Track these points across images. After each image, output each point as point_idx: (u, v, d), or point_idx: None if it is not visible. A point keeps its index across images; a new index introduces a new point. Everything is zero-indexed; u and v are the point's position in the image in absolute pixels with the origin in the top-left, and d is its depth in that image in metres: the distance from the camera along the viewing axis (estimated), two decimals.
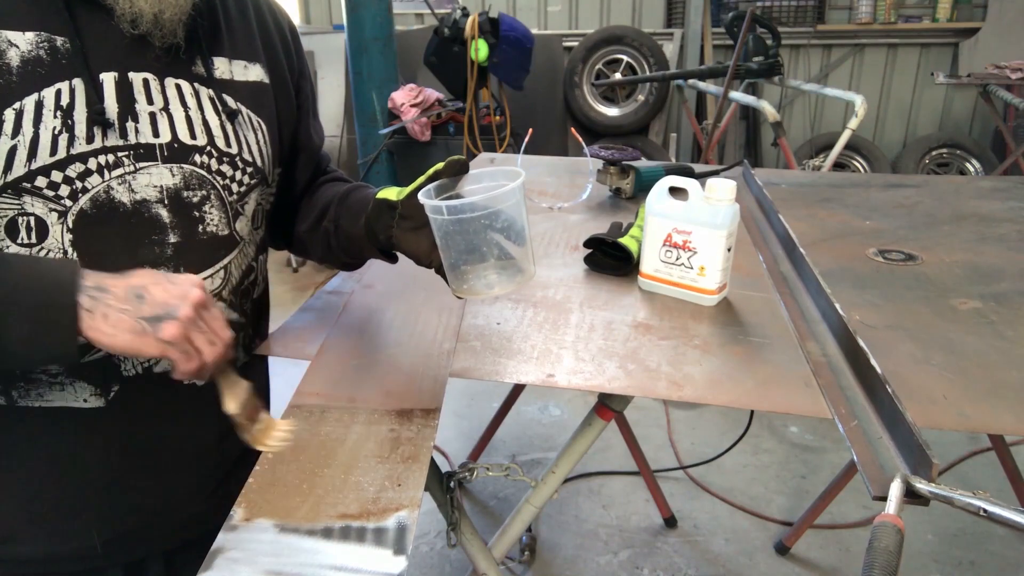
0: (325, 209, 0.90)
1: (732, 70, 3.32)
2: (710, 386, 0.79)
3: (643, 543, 2.06)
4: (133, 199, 0.70)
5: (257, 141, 0.81)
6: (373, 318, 0.95)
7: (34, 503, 0.75)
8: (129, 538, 0.81)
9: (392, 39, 3.62)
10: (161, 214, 0.72)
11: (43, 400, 0.72)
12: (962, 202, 1.51)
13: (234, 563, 0.56)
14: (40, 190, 0.66)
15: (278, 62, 0.86)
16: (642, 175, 1.53)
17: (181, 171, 0.73)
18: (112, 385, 0.73)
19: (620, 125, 4.54)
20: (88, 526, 0.77)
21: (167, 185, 0.72)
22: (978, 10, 4.57)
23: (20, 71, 0.64)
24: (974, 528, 2.07)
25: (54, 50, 0.66)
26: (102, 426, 0.74)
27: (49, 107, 0.65)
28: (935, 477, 0.60)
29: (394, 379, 0.80)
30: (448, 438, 2.56)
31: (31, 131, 0.64)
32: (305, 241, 0.95)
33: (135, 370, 0.74)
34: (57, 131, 0.66)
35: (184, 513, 0.84)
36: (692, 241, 0.98)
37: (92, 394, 0.73)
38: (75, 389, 0.72)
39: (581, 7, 4.89)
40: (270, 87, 0.84)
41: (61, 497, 0.76)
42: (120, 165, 0.69)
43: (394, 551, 0.57)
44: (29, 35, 0.64)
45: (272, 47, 0.85)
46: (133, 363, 0.74)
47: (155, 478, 0.80)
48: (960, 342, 0.88)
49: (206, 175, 0.76)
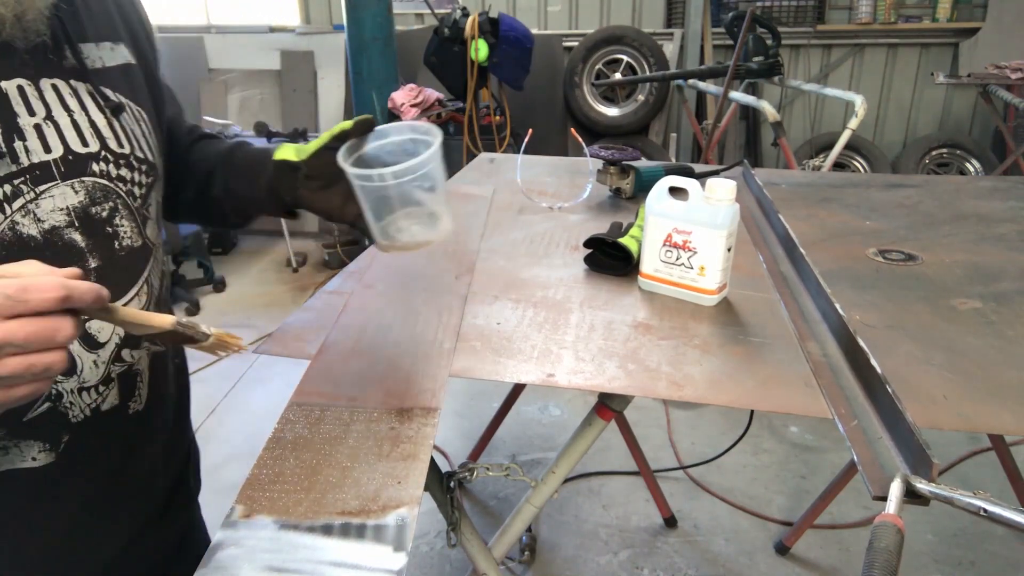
0: (209, 174, 0.85)
1: (732, 70, 3.32)
2: (710, 386, 0.79)
3: (643, 543, 2.06)
4: (42, 229, 0.61)
5: (144, 134, 0.72)
6: (373, 318, 0.95)
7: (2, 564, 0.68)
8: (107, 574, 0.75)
9: (392, 39, 3.62)
10: (75, 239, 0.64)
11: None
12: (962, 202, 1.51)
13: (234, 559, 0.56)
14: None
15: (137, 36, 0.77)
16: (642, 175, 1.53)
17: (83, 185, 0.64)
18: (62, 436, 0.66)
19: (620, 125, 4.54)
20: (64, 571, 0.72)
21: (72, 205, 0.63)
22: (978, 10, 4.57)
23: None
24: (974, 528, 2.07)
25: None
26: (54, 481, 0.67)
27: None
28: (935, 477, 0.60)
29: (394, 378, 0.80)
30: (448, 438, 2.56)
31: None
32: (192, 210, 0.89)
33: (83, 414, 0.67)
34: None
35: (139, 549, 0.79)
36: (692, 241, 0.98)
37: (41, 450, 0.65)
38: (21, 450, 0.64)
39: (581, 7, 4.89)
40: (137, 67, 0.74)
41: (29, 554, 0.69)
42: (20, 195, 0.59)
43: (394, 548, 0.57)
44: None
45: (129, 21, 0.76)
46: (80, 407, 0.67)
47: (112, 520, 0.74)
48: (960, 342, 0.89)
49: (108, 184, 0.67)
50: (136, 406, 0.73)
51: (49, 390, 0.64)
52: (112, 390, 0.69)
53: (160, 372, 0.78)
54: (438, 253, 1.19)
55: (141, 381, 0.73)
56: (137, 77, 0.74)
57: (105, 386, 0.68)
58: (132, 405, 0.73)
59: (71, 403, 0.66)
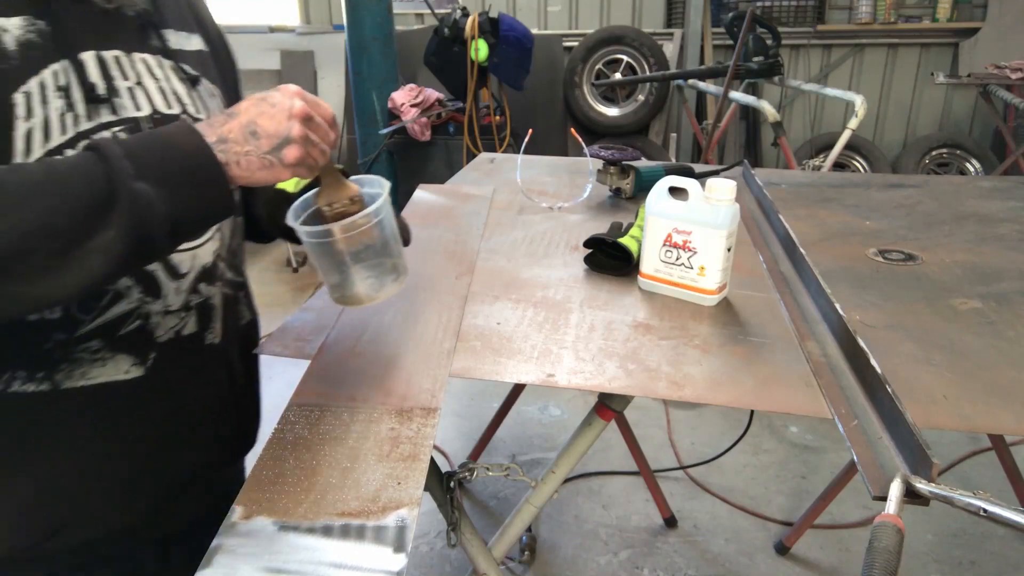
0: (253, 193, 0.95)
1: (732, 70, 3.32)
2: (710, 386, 0.79)
3: (643, 543, 2.06)
4: None
5: (217, 108, 0.85)
6: (373, 318, 0.95)
7: (84, 487, 0.76)
8: (164, 510, 0.84)
9: (392, 39, 3.62)
10: None
11: (86, 379, 0.73)
12: (962, 202, 1.51)
13: (234, 560, 0.56)
14: None
15: (208, 30, 0.90)
16: (642, 175, 1.53)
17: None
18: (150, 353, 0.77)
19: (620, 125, 4.54)
20: (133, 502, 0.80)
21: None
22: (978, 10, 4.57)
23: (18, 55, 0.65)
24: (974, 528, 2.07)
25: (41, 33, 0.67)
26: (143, 395, 0.77)
27: (51, 88, 0.67)
28: (935, 477, 0.60)
29: (394, 378, 0.80)
30: (448, 438, 2.56)
31: (41, 112, 0.66)
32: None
33: (168, 335, 0.78)
34: (62, 111, 0.68)
35: (209, 474, 0.89)
36: (692, 241, 0.98)
37: (132, 364, 0.76)
38: (116, 362, 0.74)
39: (581, 7, 4.89)
40: (209, 53, 0.88)
41: (107, 475, 0.78)
42: None
43: (394, 549, 0.57)
44: (16, 20, 0.66)
45: (200, 17, 0.90)
46: (165, 329, 0.78)
47: (192, 440, 0.84)
48: (960, 342, 0.88)
49: None
50: (212, 338, 0.84)
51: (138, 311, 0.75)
52: (191, 318, 0.80)
53: (231, 314, 0.88)
54: (438, 253, 1.19)
55: (215, 316, 0.84)
56: (209, 62, 0.88)
57: (185, 312, 0.79)
58: (208, 336, 0.83)
59: (157, 324, 0.77)
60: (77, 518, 0.77)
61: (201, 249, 0.80)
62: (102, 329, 0.72)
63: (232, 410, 0.91)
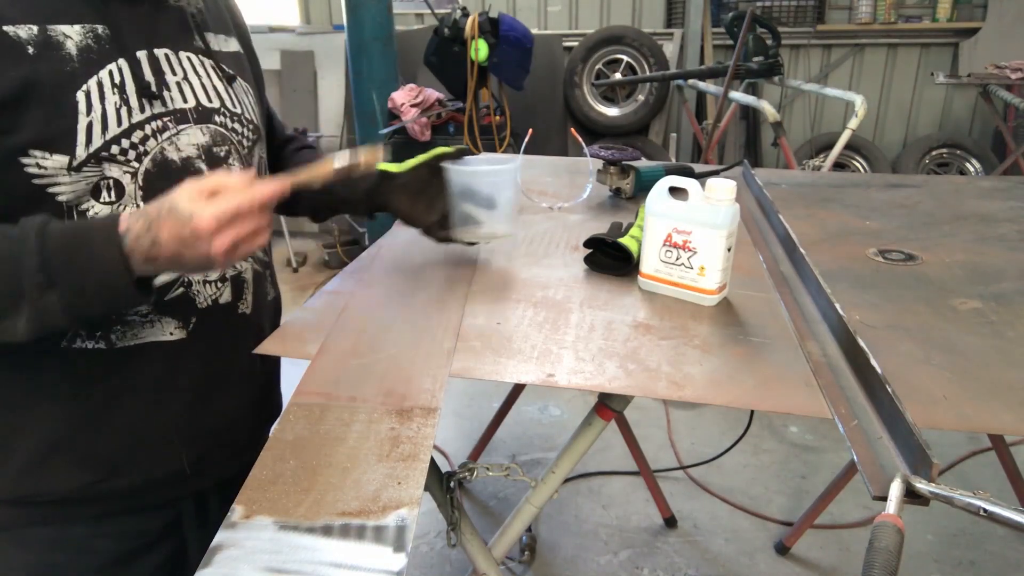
0: None
1: (732, 70, 3.32)
2: (710, 386, 0.79)
3: (643, 543, 2.06)
4: (180, 156, 0.83)
5: (250, 104, 0.95)
6: (373, 318, 0.95)
7: (133, 434, 0.86)
8: (205, 461, 0.93)
9: (392, 39, 3.62)
10: (202, 168, 0.85)
11: (137, 338, 0.83)
12: (962, 202, 1.51)
13: (234, 560, 0.56)
14: (115, 157, 0.77)
15: (243, 34, 1.01)
16: (642, 175, 1.53)
17: (209, 130, 0.86)
18: (191, 317, 0.87)
19: (620, 125, 4.54)
20: (178, 450, 0.90)
21: (202, 143, 0.85)
22: (978, 10, 4.57)
23: (79, 58, 0.75)
24: (974, 528, 2.07)
25: (98, 37, 0.76)
26: (185, 355, 0.87)
27: (107, 86, 0.76)
28: (935, 477, 0.60)
29: (394, 378, 0.80)
30: (448, 438, 2.56)
31: (99, 107, 0.76)
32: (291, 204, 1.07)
33: (207, 302, 0.88)
34: (118, 106, 0.77)
35: (243, 432, 0.98)
36: (692, 241, 0.98)
37: (176, 327, 0.86)
38: (162, 324, 0.85)
39: (581, 7, 4.89)
40: (244, 55, 0.98)
41: (155, 424, 0.87)
42: (167, 129, 0.81)
43: (394, 549, 0.57)
44: (77, 27, 0.75)
45: (237, 22, 1.00)
46: (204, 297, 0.88)
47: (224, 400, 0.93)
48: (960, 342, 0.88)
49: (226, 133, 0.88)
50: (244, 308, 0.93)
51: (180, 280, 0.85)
52: (227, 288, 0.90)
53: (260, 288, 0.97)
54: (438, 253, 1.19)
55: (247, 288, 0.94)
56: (244, 63, 0.98)
57: (221, 283, 0.90)
58: (240, 306, 0.93)
59: (198, 291, 0.87)
60: (127, 463, 0.87)
61: None
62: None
63: (260, 376, 1.00)
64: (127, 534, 0.91)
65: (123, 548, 0.91)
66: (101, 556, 0.89)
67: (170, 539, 0.96)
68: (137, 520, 0.91)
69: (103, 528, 0.89)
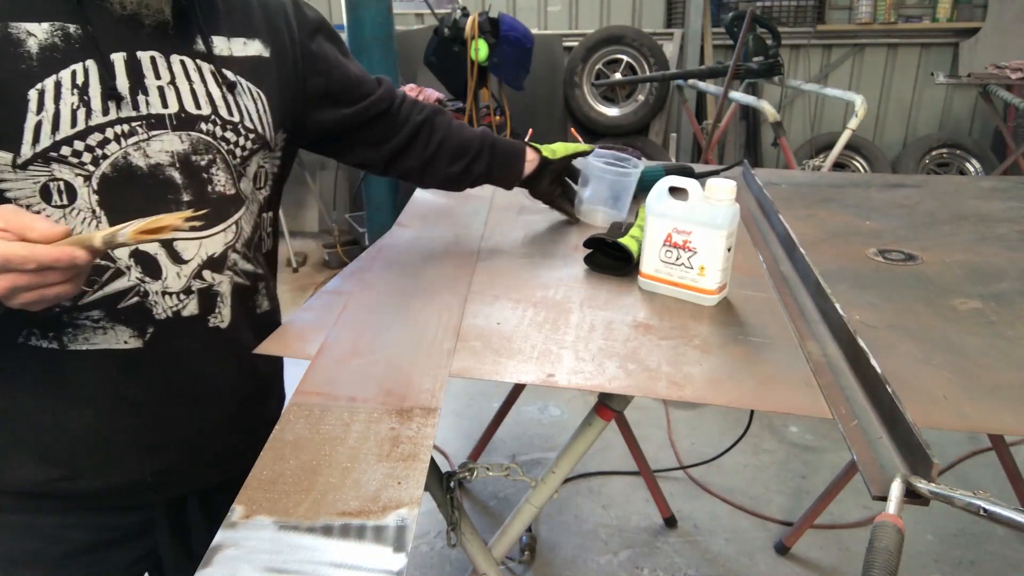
0: (476, 155, 1.16)
1: (732, 70, 3.32)
2: (710, 386, 0.79)
3: (643, 543, 2.06)
4: (149, 163, 0.79)
5: (257, 110, 0.90)
6: (373, 318, 0.95)
7: (92, 439, 0.85)
8: (172, 473, 0.91)
9: (392, 39, 3.62)
10: (174, 176, 0.81)
11: (89, 344, 0.81)
12: (962, 202, 1.51)
13: (233, 560, 0.56)
14: (65, 158, 0.75)
15: (279, 35, 0.94)
16: (642, 175, 1.53)
17: (189, 138, 0.82)
18: (148, 327, 0.83)
19: (620, 125, 4.54)
20: (139, 459, 0.88)
21: (178, 150, 0.81)
22: (978, 10, 4.57)
23: (39, 57, 0.73)
24: (974, 528, 2.07)
25: (67, 36, 0.74)
26: (143, 365, 0.84)
27: (67, 86, 0.74)
28: (935, 477, 0.60)
29: (394, 378, 0.80)
30: (448, 438, 2.56)
31: (52, 107, 0.73)
32: (443, 177, 1.17)
33: (166, 314, 0.84)
34: (75, 106, 0.74)
35: (216, 447, 0.95)
36: (692, 241, 0.98)
37: (131, 336, 0.83)
38: (116, 332, 0.82)
39: (581, 7, 4.89)
40: (271, 59, 0.92)
41: (114, 432, 0.86)
42: (134, 134, 0.78)
43: (394, 549, 0.57)
44: (44, 25, 0.73)
45: (273, 22, 0.94)
46: (163, 308, 0.83)
47: (192, 413, 0.90)
48: (960, 342, 0.88)
49: (212, 141, 0.84)
50: (217, 321, 0.88)
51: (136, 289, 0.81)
52: (191, 301, 0.85)
53: (244, 302, 0.93)
54: (438, 253, 1.19)
55: (221, 301, 0.88)
56: (267, 67, 0.91)
57: (185, 296, 0.84)
58: (212, 319, 0.88)
59: (155, 303, 0.83)
60: (88, 466, 0.86)
61: (209, 240, 0.85)
62: (103, 301, 0.80)
63: (244, 389, 0.96)
64: (98, 526, 0.91)
65: (95, 539, 0.91)
66: (73, 544, 0.89)
67: (144, 537, 0.95)
68: (106, 516, 0.91)
69: (72, 519, 0.89)
